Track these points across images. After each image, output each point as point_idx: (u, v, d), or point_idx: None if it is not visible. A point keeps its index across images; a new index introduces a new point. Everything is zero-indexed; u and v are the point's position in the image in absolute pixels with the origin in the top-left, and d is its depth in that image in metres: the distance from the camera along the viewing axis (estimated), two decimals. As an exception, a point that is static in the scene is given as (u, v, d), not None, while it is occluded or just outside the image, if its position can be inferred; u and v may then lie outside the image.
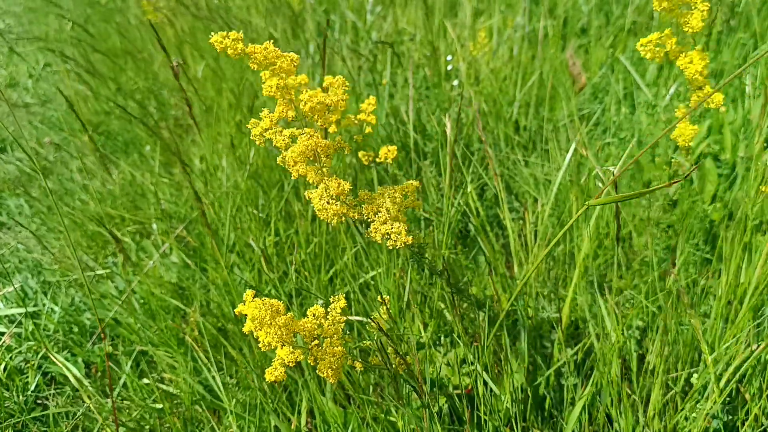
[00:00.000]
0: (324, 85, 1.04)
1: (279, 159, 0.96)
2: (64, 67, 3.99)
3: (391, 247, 0.98)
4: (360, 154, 1.72)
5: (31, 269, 2.46)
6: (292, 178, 0.95)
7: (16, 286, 2.20)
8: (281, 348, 0.88)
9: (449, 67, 2.61)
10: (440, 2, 3.57)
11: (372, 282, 1.85)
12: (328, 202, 0.94)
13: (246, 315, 0.91)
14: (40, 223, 2.71)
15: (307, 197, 0.99)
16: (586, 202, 0.94)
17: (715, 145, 2.10)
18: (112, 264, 2.33)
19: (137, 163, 2.92)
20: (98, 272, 2.24)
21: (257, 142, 0.97)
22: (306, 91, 0.96)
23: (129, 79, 3.39)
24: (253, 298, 0.92)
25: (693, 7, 1.15)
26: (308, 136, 0.93)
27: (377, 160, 1.59)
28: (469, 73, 2.67)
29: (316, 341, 0.94)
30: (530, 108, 2.63)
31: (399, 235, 0.97)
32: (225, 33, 0.94)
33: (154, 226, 2.36)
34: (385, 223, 0.97)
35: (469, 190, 2.00)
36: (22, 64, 4.45)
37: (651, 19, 3.05)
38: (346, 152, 1.00)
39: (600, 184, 1.64)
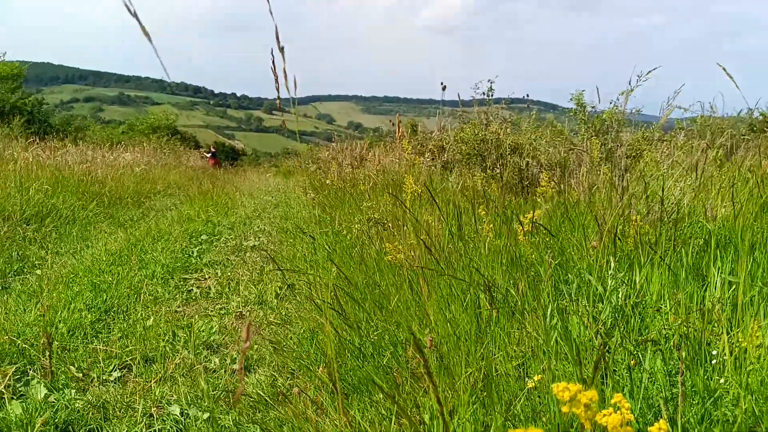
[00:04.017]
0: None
1: None
2: (307, 292, 4.38)
3: None
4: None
5: None
6: None
7: None
8: None
9: (713, 361, 2.39)
10: (686, 267, 3.40)
11: None
12: None
13: None
14: (269, 459, 2.79)
15: None
16: None
17: None
18: None
19: (367, 406, 2.96)
20: None
21: None
22: None
23: (366, 317, 3.58)
24: None
25: None
26: None
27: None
28: (735, 363, 2.42)
29: None
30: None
31: None
32: (580, 388, 0.79)
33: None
34: None
35: None
36: (271, 282, 4.95)
37: None
38: None
39: None
